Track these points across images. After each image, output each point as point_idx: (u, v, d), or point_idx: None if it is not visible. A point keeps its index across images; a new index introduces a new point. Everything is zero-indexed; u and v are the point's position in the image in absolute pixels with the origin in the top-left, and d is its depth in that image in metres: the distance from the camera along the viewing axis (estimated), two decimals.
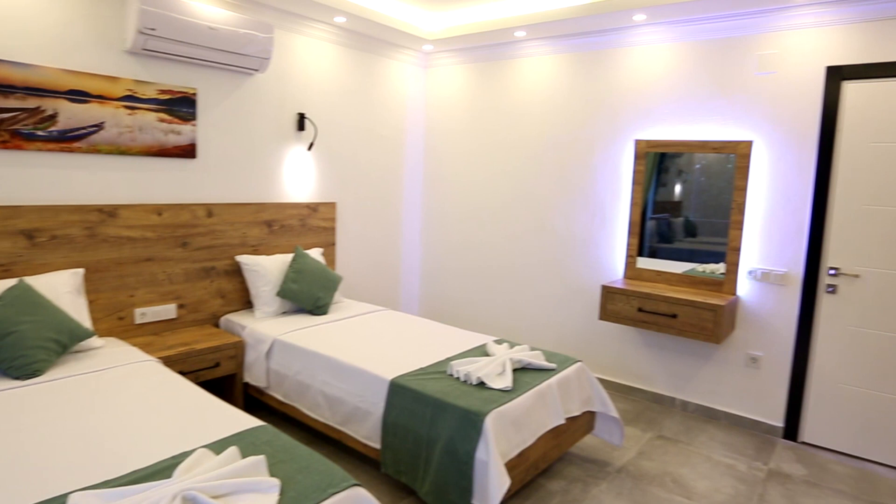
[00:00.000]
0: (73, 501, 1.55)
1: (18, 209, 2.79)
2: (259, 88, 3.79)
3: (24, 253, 2.82)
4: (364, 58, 4.48)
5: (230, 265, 3.67)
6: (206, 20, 3.20)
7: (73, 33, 2.94)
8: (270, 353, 3.24)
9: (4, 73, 2.73)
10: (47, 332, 2.56)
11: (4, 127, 2.74)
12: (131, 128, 3.18)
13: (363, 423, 2.79)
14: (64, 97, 2.92)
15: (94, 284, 3.07)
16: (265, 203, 3.85)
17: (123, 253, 3.17)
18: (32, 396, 2.29)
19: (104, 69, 3.06)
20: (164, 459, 1.83)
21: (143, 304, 3.29)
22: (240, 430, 2.07)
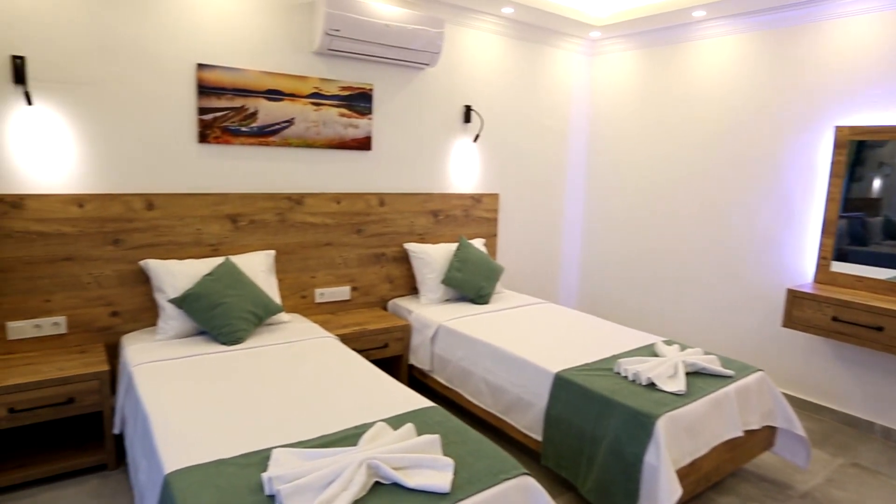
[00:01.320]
0: (275, 456, 1.71)
1: (226, 196, 3.16)
2: (429, 82, 3.92)
3: (229, 235, 3.19)
4: (529, 48, 4.45)
5: (398, 252, 3.86)
6: (382, 19, 3.37)
7: (271, 39, 3.25)
8: (435, 338, 3.35)
9: (218, 77, 3.09)
10: (247, 305, 2.88)
11: (217, 124, 3.12)
12: (316, 123, 3.45)
13: (525, 413, 2.78)
14: (263, 96, 3.25)
15: (282, 265, 3.39)
16: (432, 193, 3.99)
17: (307, 237, 3.47)
18: (237, 360, 2.59)
19: (295, 70, 3.35)
20: (349, 428, 1.96)
21: (322, 285, 3.57)
22: (413, 409, 2.15)
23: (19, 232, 2.67)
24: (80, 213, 2.79)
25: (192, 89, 3.04)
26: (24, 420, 2.46)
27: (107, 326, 2.93)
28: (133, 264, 2.94)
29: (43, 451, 2.68)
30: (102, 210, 2.84)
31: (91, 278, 2.86)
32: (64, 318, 2.82)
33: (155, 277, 2.89)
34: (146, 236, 2.96)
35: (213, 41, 3.07)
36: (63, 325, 2.82)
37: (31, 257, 2.71)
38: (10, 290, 2.69)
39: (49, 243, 2.74)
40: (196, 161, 3.09)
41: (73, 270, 2.81)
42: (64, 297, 2.81)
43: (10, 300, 2.69)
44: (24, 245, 2.69)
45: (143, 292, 2.99)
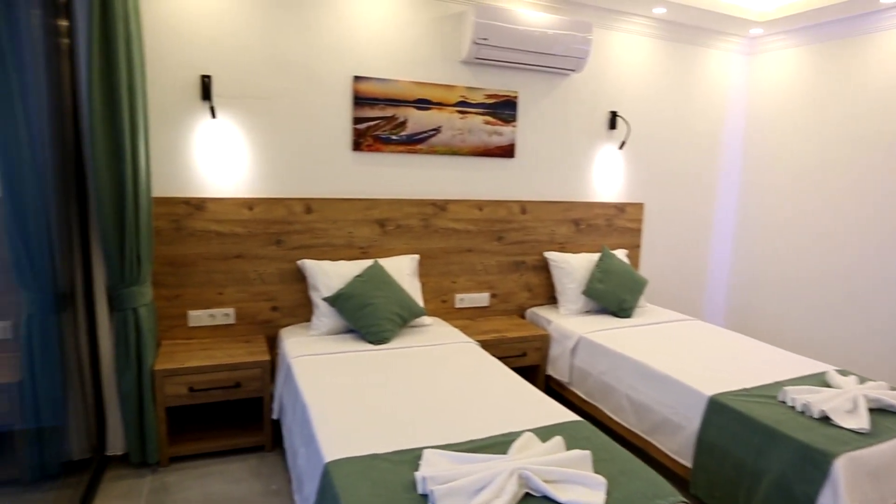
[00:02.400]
0: (426, 456, 1.75)
1: (376, 202, 3.31)
2: (574, 88, 3.84)
3: (378, 238, 3.34)
4: (680, 49, 4.21)
5: (538, 261, 3.82)
6: (529, 26, 3.36)
7: (421, 50, 3.36)
8: (575, 349, 3.26)
9: (371, 88, 3.25)
10: (393, 306, 2.99)
11: (369, 133, 3.28)
12: (462, 130, 3.51)
13: (672, 436, 2.61)
14: (412, 106, 3.37)
15: (425, 269, 3.48)
16: (574, 202, 3.90)
17: (450, 243, 3.53)
18: (385, 359, 2.69)
19: (443, 79, 3.44)
20: (496, 435, 1.95)
21: (462, 291, 3.62)
22: (559, 422, 2.10)
23: (200, 231, 2.99)
24: (249, 215, 3.06)
25: (348, 100, 3.23)
26: (200, 399, 2.74)
27: (268, 320, 3.19)
28: (292, 263, 3.18)
29: (213, 428, 2.97)
30: (268, 213, 3.10)
31: (256, 275, 3.12)
32: (233, 309, 3.11)
33: (310, 276, 3.09)
34: (304, 238, 3.18)
35: (368, 54, 3.24)
36: (232, 317, 3.11)
37: (209, 254, 3.02)
38: (192, 283, 3.01)
39: (224, 242, 3.03)
40: (350, 168, 3.27)
41: (242, 267, 3.09)
42: (234, 291, 3.10)
43: (191, 292, 3.02)
44: (203, 243, 3.00)
45: (300, 290, 3.21)
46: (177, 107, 2.90)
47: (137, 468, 2.77)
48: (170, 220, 2.92)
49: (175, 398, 2.70)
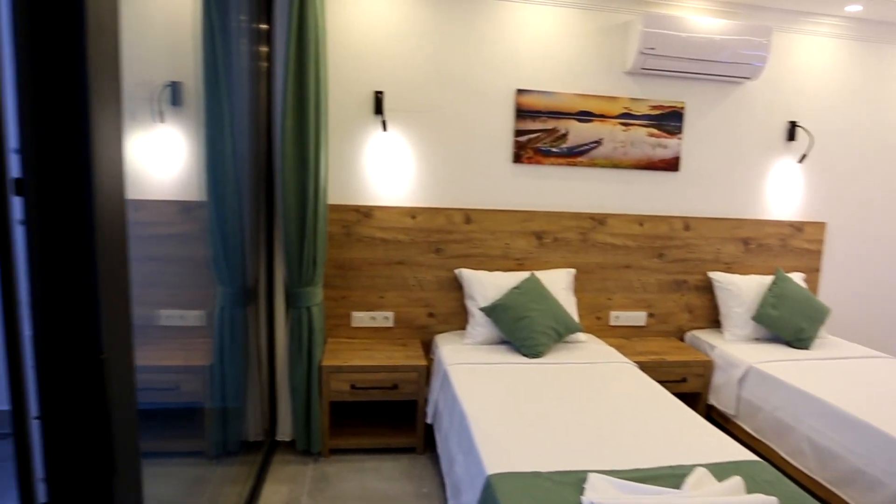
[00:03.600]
0: (591, 480, 1.69)
1: (534, 214, 3.30)
2: (747, 97, 3.56)
3: (534, 251, 3.32)
4: (874, 51, 3.74)
5: (701, 281, 3.57)
6: (700, 33, 3.17)
7: (584, 62, 3.30)
8: (744, 380, 3.00)
9: (533, 100, 3.25)
10: (549, 320, 2.95)
11: (530, 145, 3.28)
12: (624, 143, 3.39)
13: (868, 492, 2.30)
14: (573, 118, 3.31)
15: (580, 284, 3.40)
16: (743, 219, 3.61)
17: (607, 258, 3.42)
18: (540, 374, 2.66)
19: (605, 90, 3.35)
20: (664, 467, 1.84)
21: (618, 308, 3.48)
22: (734, 460, 1.93)
23: (367, 237, 3.16)
24: (412, 223, 3.19)
25: (510, 113, 3.25)
26: (361, 396, 2.88)
27: (424, 325, 3.29)
28: (449, 272, 3.25)
29: (369, 425, 3.11)
30: (429, 222, 3.20)
31: (415, 281, 3.24)
32: (392, 313, 3.24)
33: (467, 286, 3.14)
34: (462, 247, 3.25)
35: (531, 67, 3.25)
36: (391, 320, 3.25)
37: (374, 259, 3.18)
38: (357, 286, 3.19)
39: (388, 248, 3.18)
40: (509, 180, 3.29)
41: (403, 273, 3.22)
42: (394, 296, 3.23)
43: (355, 294, 3.20)
44: (369, 248, 3.17)
45: (456, 298, 3.28)
46: (352, 121, 3.11)
47: (301, 455, 2.97)
48: (341, 225, 3.12)
49: (338, 394, 2.87)
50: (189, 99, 2.59)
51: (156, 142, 2.53)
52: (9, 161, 0.90)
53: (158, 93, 2.46)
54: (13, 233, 0.93)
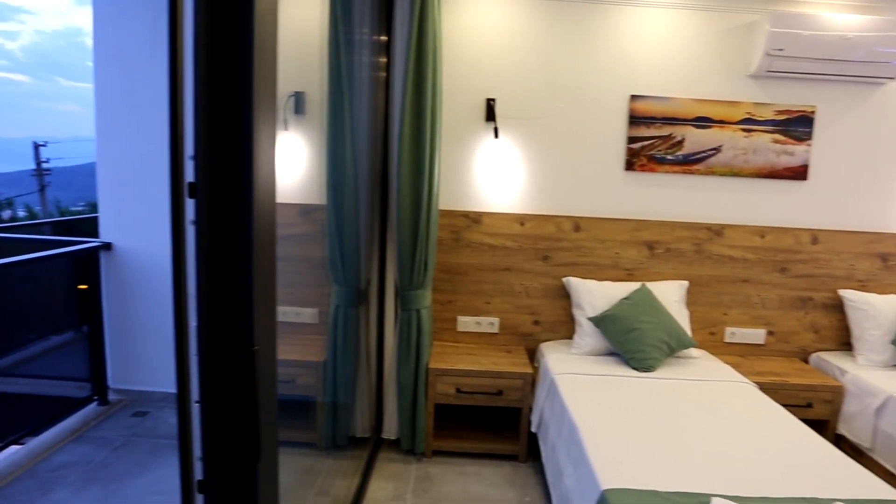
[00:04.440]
0: None
1: (646, 223, 3.20)
2: (890, 98, 3.26)
3: (645, 261, 3.22)
4: None
5: (830, 298, 3.30)
6: (834, 30, 2.94)
7: (703, 65, 3.16)
8: (882, 410, 2.74)
9: (648, 106, 3.15)
10: (661, 333, 2.84)
11: (643, 152, 3.18)
12: (745, 150, 3.21)
13: None
14: (690, 124, 3.18)
15: (693, 297, 3.25)
16: (882, 233, 3.30)
17: (723, 271, 3.25)
18: (652, 389, 2.57)
19: (726, 95, 3.18)
20: (797, 498, 1.72)
21: (733, 324, 3.30)
22: (879, 498, 1.77)
23: (475, 243, 3.19)
24: (520, 230, 3.18)
25: (623, 120, 3.17)
26: (465, 401, 2.91)
27: (529, 333, 3.27)
28: (556, 280, 3.22)
29: (472, 430, 3.14)
30: (537, 229, 3.18)
31: (522, 288, 3.23)
32: (497, 319, 3.25)
33: (575, 294, 3.10)
34: (570, 255, 3.20)
35: (646, 72, 3.15)
36: (496, 326, 3.26)
37: (481, 264, 3.21)
38: (463, 290, 3.23)
39: (495, 254, 3.20)
40: (621, 188, 3.21)
41: (509, 280, 3.22)
42: (500, 302, 3.24)
43: (462, 298, 3.24)
44: (476, 254, 3.20)
45: (562, 306, 3.23)
46: (463, 128, 3.15)
47: (405, 454, 3.04)
48: (450, 231, 3.18)
49: (444, 396, 2.91)
50: (311, 108, 2.74)
51: (280, 148, 2.70)
52: (185, 167, 1.00)
53: (284, 102, 2.62)
54: (185, 232, 1.02)
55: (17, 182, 21.29)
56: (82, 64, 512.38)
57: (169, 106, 0.98)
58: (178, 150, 0.99)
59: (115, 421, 3.36)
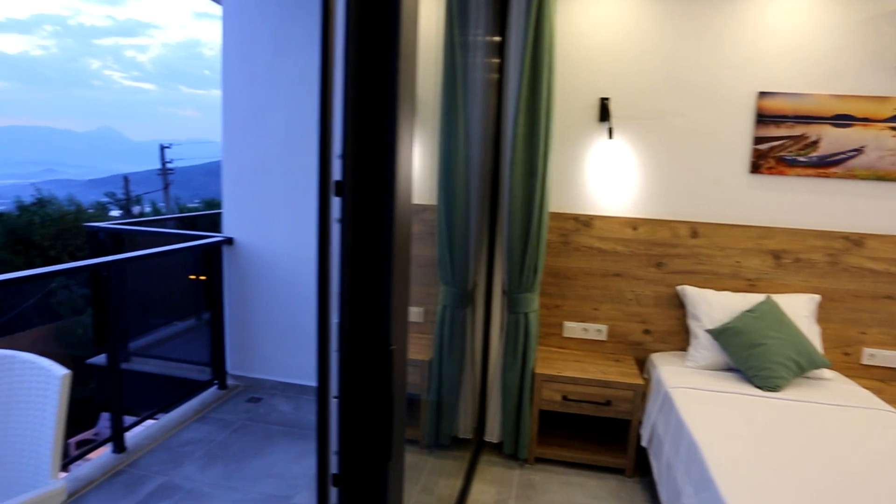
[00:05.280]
0: None
1: (771, 230, 2.97)
2: None
3: (769, 271, 2.99)
4: None
5: None
6: None
7: (843, 58, 2.88)
8: None
9: (778, 104, 2.92)
10: (789, 350, 2.62)
11: (772, 154, 2.96)
12: (893, 151, 2.90)
13: None
14: (828, 122, 2.92)
15: (825, 313, 2.98)
16: None
17: (862, 286, 2.95)
18: (780, 410, 2.37)
19: (871, 90, 2.89)
20: None
21: (874, 345, 2.99)
22: None
23: (585, 247, 3.10)
24: (632, 234, 3.06)
25: (749, 119, 2.96)
26: (572, 409, 2.84)
27: (638, 342, 3.13)
28: (670, 288, 3.06)
29: (577, 439, 3.05)
30: (651, 234, 3.05)
31: (632, 295, 3.10)
32: (605, 326, 3.15)
33: (690, 304, 2.93)
34: (686, 263, 3.04)
35: (776, 67, 2.92)
36: (604, 333, 3.15)
37: (590, 269, 3.11)
38: (571, 295, 3.15)
39: (605, 259, 3.09)
40: (744, 192, 3.00)
41: (619, 286, 3.10)
42: (608, 309, 3.13)
43: (569, 303, 3.16)
44: (586, 258, 3.11)
45: (675, 316, 3.07)
46: (575, 128, 3.08)
47: (507, 459, 3.01)
48: (559, 234, 3.11)
49: (549, 403, 2.85)
50: (424, 108, 2.76)
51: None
52: (333, 166, 1.03)
53: None
54: (331, 230, 1.05)
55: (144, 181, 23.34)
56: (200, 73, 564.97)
57: (319, 107, 1.01)
58: (327, 149, 1.02)
59: (232, 405, 3.57)
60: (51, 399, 1.56)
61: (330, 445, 1.12)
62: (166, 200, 18.14)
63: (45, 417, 1.56)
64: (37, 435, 1.57)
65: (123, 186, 17.53)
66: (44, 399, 1.58)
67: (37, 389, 1.61)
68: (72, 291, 10.97)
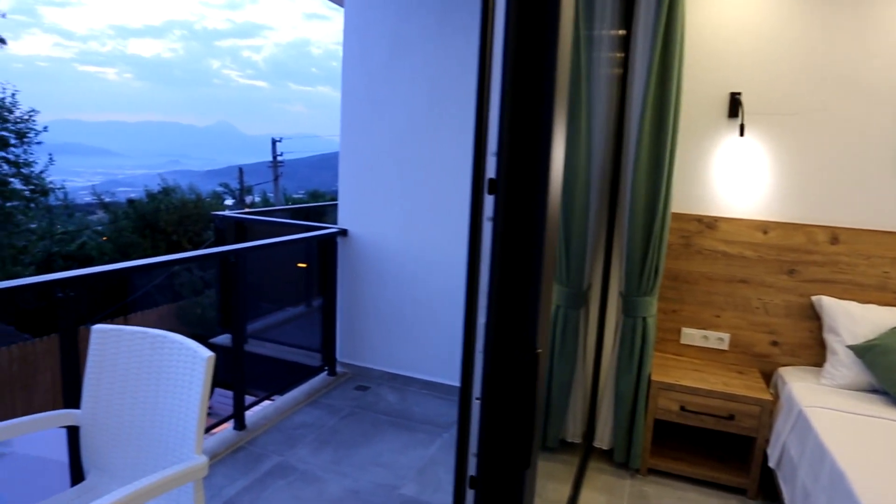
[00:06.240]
0: None
1: None
2: None
3: None
4: None
5: None
6: None
7: None
8: None
9: None
10: None
11: None
12: None
13: None
14: None
15: None
16: None
17: None
18: None
19: None
20: None
21: None
22: None
23: (707, 250, 2.93)
24: (762, 239, 2.84)
25: None
26: (690, 420, 2.69)
27: (764, 354, 2.92)
28: (804, 298, 2.82)
29: (694, 452, 2.89)
30: (784, 238, 2.82)
31: (760, 304, 2.89)
32: (728, 335, 2.95)
33: (828, 317, 2.69)
34: (823, 271, 2.79)
35: None
36: (725, 342, 2.96)
37: (713, 274, 2.93)
38: (690, 300, 2.98)
39: (730, 264, 2.90)
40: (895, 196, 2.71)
41: (745, 293, 2.90)
42: (731, 316, 2.94)
43: (688, 309, 3.00)
44: (708, 262, 2.93)
45: (808, 328, 2.83)
46: (701, 125, 2.90)
47: (617, 467, 2.90)
48: (680, 235, 2.95)
49: (665, 412, 2.72)
50: None
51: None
52: (487, 163, 1.01)
53: None
54: (483, 228, 1.04)
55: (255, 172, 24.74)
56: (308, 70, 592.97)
57: (476, 104, 1.00)
58: (482, 146, 1.00)
59: (341, 391, 3.70)
60: (196, 379, 1.67)
61: (469, 447, 1.11)
62: (276, 191, 19.13)
63: (192, 396, 1.67)
64: (183, 412, 1.69)
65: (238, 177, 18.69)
66: (190, 378, 1.69)
67: (184, 369, 1.72)
68: (192, 274, 11.85)
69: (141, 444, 1.75)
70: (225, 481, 2.65)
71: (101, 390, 1.82)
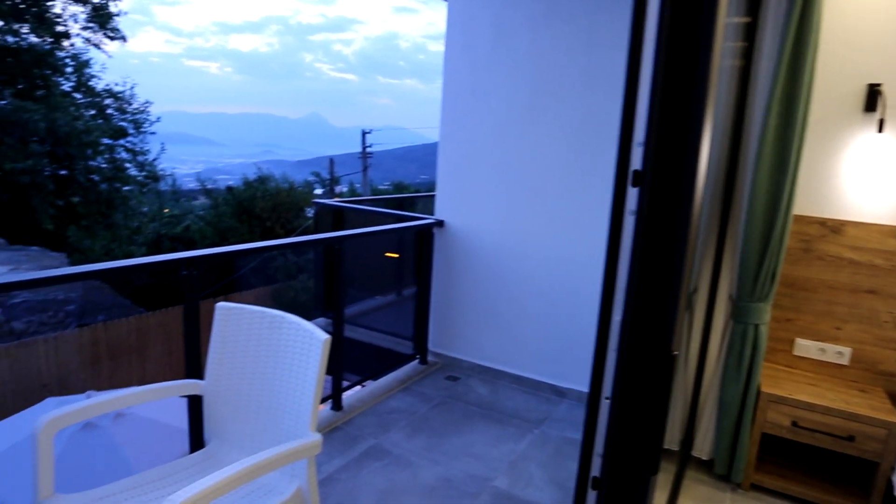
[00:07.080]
0: None
1: None
2: None
3: None
4: None
5: None
6: None
7: None
8: None
9: None
10: None
11: None
12: None
13: None
14: None
15: None
16: None
17: None
18: None
19: None
20: None
21: None
22: None
23: (830, 256, 2.72)
24: None
25: None
26: (802, 437, 2.52)
27: (891, 372, 2.68)
28: None
29: (805, 471, 2.71)
30: None
31: (890, 317, 2.65)
32: (849, 349, 2.74)
33: None
34: None
35: None
36: (846, 357, 2.75)
37: (835, 283, 2.72)
38: (807, 309, 2.79)
39: (857, 272, 2.68)
40: None
41: (873, 305, 2.67)
42: (855, 329, 2.72)
43: (804, 318, 2.80)
44: (831, 269, 2.72)
45: None
46: (830, 120, 2.68)
47: (717, 479, 2.77)
48: (799, 239, 2.76)
49: (774, 427, 2.56)
50: None
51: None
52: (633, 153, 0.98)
53: None
54: (624, 222, 1.00)
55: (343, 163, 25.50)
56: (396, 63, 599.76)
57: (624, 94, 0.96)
58: (628, 137, 0.97)
59: (432, 380, 3.75)
60: (313, 359, 1.73)
61: (595, 447, 1.08)
62: (364, 182, 19.66)
63: (308, 375, 1.73)
64: (299, 390, 1.76)
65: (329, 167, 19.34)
66: (307, 358, 1.76)
67: (301, 349, 1.80)
68: (287, 258, 12.39)
69: (259, 417, 1.85)
70: (323, 458, 2.75)
71: (223, 364, 1.93)
